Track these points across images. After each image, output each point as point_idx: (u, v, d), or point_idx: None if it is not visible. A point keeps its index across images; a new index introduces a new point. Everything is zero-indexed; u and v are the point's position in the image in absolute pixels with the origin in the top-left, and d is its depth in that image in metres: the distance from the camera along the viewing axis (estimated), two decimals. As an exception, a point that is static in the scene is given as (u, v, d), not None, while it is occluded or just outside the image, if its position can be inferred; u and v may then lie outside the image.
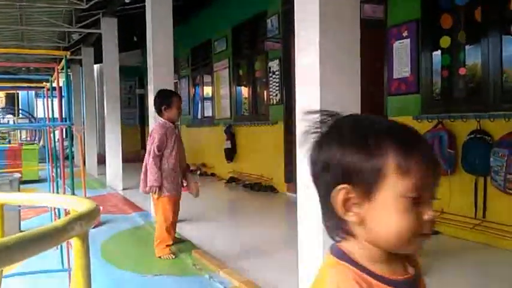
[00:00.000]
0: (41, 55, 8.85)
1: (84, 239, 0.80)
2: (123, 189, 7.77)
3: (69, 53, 2.92)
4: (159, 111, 3.85)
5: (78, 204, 1.00)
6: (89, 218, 0.80)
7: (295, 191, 3.11)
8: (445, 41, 4.29)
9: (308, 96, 2.63)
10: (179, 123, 4.10)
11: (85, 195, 4.21)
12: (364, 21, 2.86)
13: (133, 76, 14.11)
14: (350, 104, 2.62)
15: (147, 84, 7.15)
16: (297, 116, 2.77)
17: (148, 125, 6.79)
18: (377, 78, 5.01)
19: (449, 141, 4.11)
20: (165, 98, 3.88)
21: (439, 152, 4.12)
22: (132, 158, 11.17)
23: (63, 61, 2.84)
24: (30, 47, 10.78)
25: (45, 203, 1.02)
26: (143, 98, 14.01)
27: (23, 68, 12.25)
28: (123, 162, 8.21)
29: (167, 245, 3.70)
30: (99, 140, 12.08)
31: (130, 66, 12.89)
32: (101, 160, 10.23)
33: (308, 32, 2.61)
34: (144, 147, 13.98)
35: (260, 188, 7.16)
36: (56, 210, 4.23)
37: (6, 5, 7.38)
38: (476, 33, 4.11)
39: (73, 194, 3.23)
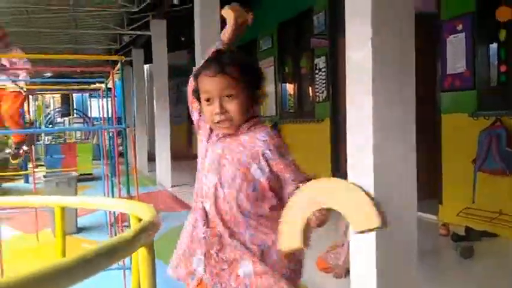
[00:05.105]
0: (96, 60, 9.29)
1: (151, 247, 0.82)
2: (172, 186, 7.95)
3: (123, 57, 3.02)
4: None
5: (139, 209, 1.03)
6: (153, 226, 0.82)
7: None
8: (503, 34, 4.10)
9: (360, 94, 2.58)
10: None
11: (137, 193, 4.34)
12: (415, 15, 2.77)
13: (181, 75, 14.38)
14: (404, 100, 2.54)
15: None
16: (347, 114, 2.71)
17: (195, 124, 6.91)
18: (429, 74, 4.85)
19: (508, 139, 3.91)
20: None
21: (497, 151, 3.94)
22: (180, 155, 11.40)
23: (119, 65, 2.94)
24: (84, 50, 11.27)
25: (107, 208, 1.06)
26: (190, 97, 14.25)
27: (78, 70, 12.82)
28: (171, 159, 8.40)
29: None
30: (148, 137, 12.42)
31: (178, 65, 13.14)
32: (150, 157, 10.53)
33: (360, 27, 2.55)
34: (190, 144, 14.28)
35: (307, 186, 7.10)
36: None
37: (61, 9, 7.72)
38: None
39: (128, 192, 3.34)
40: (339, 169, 6.33)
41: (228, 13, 1.59)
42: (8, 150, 5.50)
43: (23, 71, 4.46)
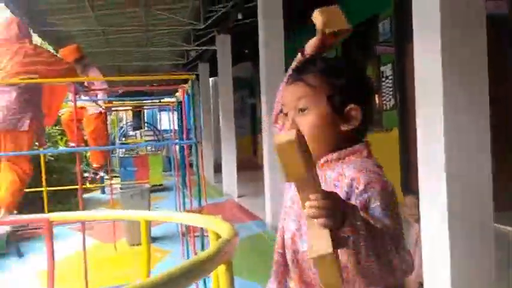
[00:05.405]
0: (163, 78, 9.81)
1: (229, 264, 0.86)
2: (238, 196, 8.08)
3: (193, 76, 3.18)
4: None
5: (217, 226, 1.09)
6: (232, 244, 0.86)
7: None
8: None
9: (430, 102, 2.50)
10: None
11: (205, 203, 4.47)
12: (486, 18, 2.65)
13: (245, 87, 14.64)
14: (477, 108, 2.43)
15: (258, 94, 7.45)
16: (417, 123, 2.64)
17: (260, 134, 7.04)
18: (502, 75, 4.60)
19: None
20: None
21: None
22: (245, 166, 11.57)
23: (189, 82, 3.11)
24: (154, 66, 11.83)
25: (189, 222, 1.13)
26: (254, 108, 14.49)
27: (152, 89, 13.50)
28: (237, 170, 8.56)
29: None
30: (214, 148, 12.75)
31: (242, 77, 13.41)
32: (216, 168, 10.79)
33: (428, 34, 2.48)
34: (255, 155, 14.45)
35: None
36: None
37: (135, 30, 8.20)
38: None
39: (199, 204, 3.46)
40: (409, 180, 6.12)
41: (316, 18, 1.20)
42: (86, 174, 5.92)
43: (101, 91, 4.79)
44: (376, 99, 7.45)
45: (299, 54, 1.25)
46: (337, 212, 0.79)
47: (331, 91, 1.03)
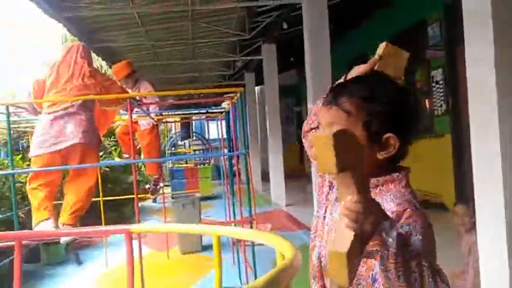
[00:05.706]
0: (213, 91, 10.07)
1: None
2: (286, 205, 8.08)
3: (242, 89, 3.24)
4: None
5: (278, 243, 1.12)
6: (294, 268, 0.87)
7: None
8: None
9: (484, 107, 2.42)
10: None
11: (255, 213, 4.52)
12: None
13: (291, 95, 14.66)
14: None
15: (304, 102, 7.47)
16: (471, 128, 2.57)
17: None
18: None
19: None
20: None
21: None
22: (292, 173, 11.56)
23: (238, 94, 3.18)
24: (201, 77, 12.08)
25: (255, 239, 1.18)
26: (300, 115, 14.47)
27: (195, 95, 13.83)
28: (284, 178, 8.56)
29: None
30: (261, 156, 12.82)
31: (287, 85, 13.44)
32: (263, 176, 10.85)
33: (480, 39, 2.41)
34: (302, 162, 14.39)
35: (428, 205, 6.75)
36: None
37: (184, 42, 8.44)
38: None
39: (250, 213, 3.51)
40: (463, 187, 5.91)
41: (380, 48, 1.16)
42: (147, 186, 6.18)
43: (154, 105, 4.97)
44: (427, 104, 7.26)
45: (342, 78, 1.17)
46: (368, 220, 0.79)
47: (367, 117, 0.98)
